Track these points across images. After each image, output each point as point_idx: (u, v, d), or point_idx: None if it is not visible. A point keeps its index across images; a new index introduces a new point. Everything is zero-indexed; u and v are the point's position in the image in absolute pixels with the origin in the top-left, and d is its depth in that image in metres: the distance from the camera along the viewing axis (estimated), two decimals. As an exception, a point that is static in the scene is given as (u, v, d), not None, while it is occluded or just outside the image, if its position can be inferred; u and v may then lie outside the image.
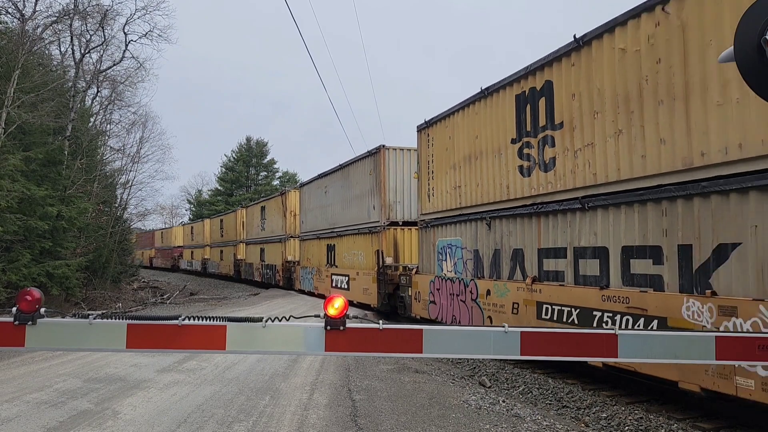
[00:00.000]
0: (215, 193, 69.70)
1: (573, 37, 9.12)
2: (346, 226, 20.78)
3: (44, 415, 6.20)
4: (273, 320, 2.87)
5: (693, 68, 7.03)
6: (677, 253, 7.26)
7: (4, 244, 15.76)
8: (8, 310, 11.49)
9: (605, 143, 8.49)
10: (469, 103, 12.37)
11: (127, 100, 29.41)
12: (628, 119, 8.08)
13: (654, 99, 7.63)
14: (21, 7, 21.02)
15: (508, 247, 11.02)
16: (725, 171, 6.62)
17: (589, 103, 8.82)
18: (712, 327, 6.59)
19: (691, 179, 7.06)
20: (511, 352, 2.88)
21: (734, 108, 6.50)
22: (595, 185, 8.66)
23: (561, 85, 9.49)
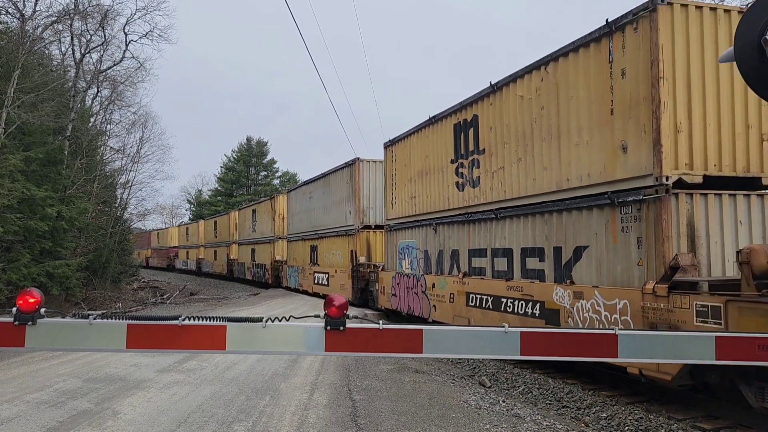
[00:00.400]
0: (215, 193, 69.69)
1: (489, 83, 11.61)
2: (327, 228, 22.93)
3: (44, 415, 6.20)
4: (273, 320, 2.87)
5: (562, 116, 9.49)
6: (553, 253, 9.71)
7: (5, 244, 15.76)
8: (8, 310, 11.50)
9: (511, 167, 10.96)
10: (422, 127, 14.83)
11: (127, 100, 29.44)
12: (525, 150, 10.52)
13: (540, 136, 10.08)
14: (21, 7, 21.02)
15: (449, 248, 13.43)
16: (580, 193, 9.09)
17: (501, 135, 11.28)
18: (569, 307, 8.98)
19: (561, 198, 9.50)
20: (511, 352, 2.89)
21: (584, 148, 8.99)
22: (504, 200, 11.13)
23: (483, 119, 11.96)
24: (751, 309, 6.25)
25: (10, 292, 15.14)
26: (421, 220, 14.92)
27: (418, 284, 14.74)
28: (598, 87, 8.78)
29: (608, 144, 8.54)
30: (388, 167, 17.40)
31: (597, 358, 3.00)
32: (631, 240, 8.16)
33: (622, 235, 8.31)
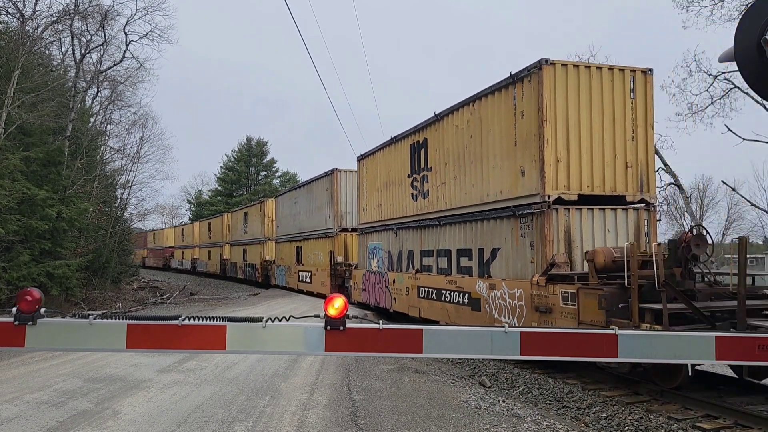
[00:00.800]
0: (215, 193, 69.66)
1: (434, 113, 14.17)
2: (309, 231, 25.20)
3: (44, 415, 6.20)
4: (273, 320, 2.87)
5: (484, 144, 12.01)
6: (477, 253, 12.21)
7: (5, 244, 15.76)
8: (8, 310, 11.50)
9: (450, 183, 13.40)
10: (387, 144, 17.30)
11: (127, 100, 29.40)
12: (459, 169, 13.01)
13: (469, 159, 12.56)
14: (21, 7, 21.01)
15: (406, 249, 15.94)
16: (495, 206, 11.57)
17: (443, 156, 13.77)
18: (486, 296, 11.59)
19: (482, 209, 12.00)
20: (511, 352, 2.88)
21: (498, 170, 11.53)
22: (446, 210, 13.58)
23: (431, 142, 14.48)
24: (591, 293, 8.67)
25: (10, 292, 15.13)
26: (385, 225, 17.36)
27: (383, 280, 17.27)
28: (507, 123, 11.26)
29: (513, 169, 11.05)
30: (360, 178, 19.88)
31: (597, 358, 3.00)
32: (527, 243, 10.63)
33: (521, 240, 10.82)
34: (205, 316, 2.87)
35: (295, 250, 27.37)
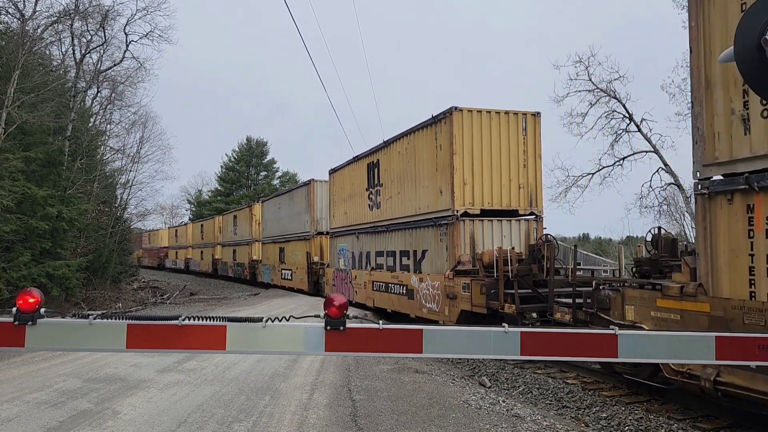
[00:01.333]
0: (215, 193, 69.63)
1: (383, 139, 17.75)
2: (291, 233, 28.17)
3: (44, 415, 6.20)
4: (273, 320, 2.87)
5: (417, 168, 15.32)
6: (413, 254, 15.69)
7: (5, 244, 15.76)
8: (8, 310, 11.48)
9: (395, 197, 16.77)
10: (351, 162, 20.62)
11: (127, 100, 29.37)
12: (401, 186, 16.37)
13: (408, 179, 15.93)
14: (21, 8, 21.01)
15: (365, 250, 19.21)
16: (423, 217, 14.88)
17: (390, 175, 17.12)
18: (417, 287, 14.84)
19: (416, 219, 15.39)
20: (511, 352, 2.88)
21: (425, 189, 14.83)
22: (392, 218, 16.95)
23: (382, 162, 17.73)
24: (477, 283, 12.15)
25: (10, 292, 15.13)
26: (350, 229, 20.59)
27: (348, 276, 20.70)
28: (431, 154, 14.65)
29: (435, 189, 14.41)
30: (331, 189, 23.25)
31: (597, 358, 3.00)
32: (444, 246, 14.03)
33: (440, 243, 14.21)
34: (205, 316, 2.87)
35: (278, 250, 30.26)
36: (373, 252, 18.42)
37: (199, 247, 50.31)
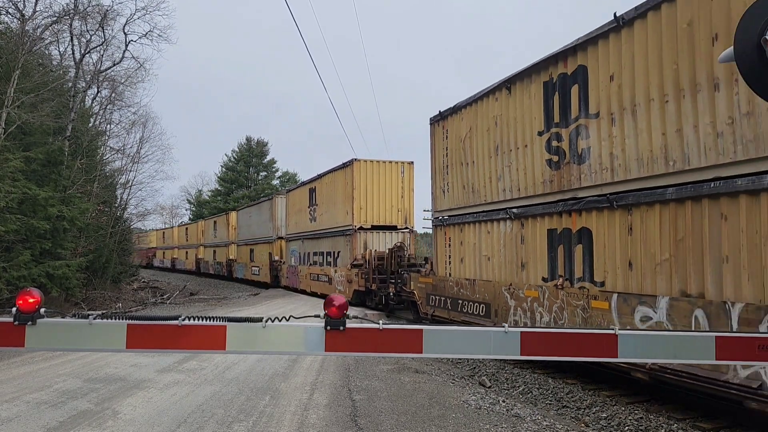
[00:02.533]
0: (215, 193, 69.63)
1: (317, 173, 25.94)
2: (258, 237, 34.86)
3: (44, 415, 6.20)
4: (273, 320, 2.86)
5: (335, 195, 24.19)
6: (333, 254, 23.45)
7: (5, 244, 15.75)
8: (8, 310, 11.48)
9: (324, 214, 24.96)
10: (299, 186, 28.63)
11: (127, 100, 29.34)
12: (327, 207, 24.36)
13: (330, 202, 24.05)
14: (21, 8, 20.99)
15: (306, 251, 26.51)
16: (338, 229, 23.00)
17: (321, 198, 24.96)
18: (334, 276, 22.81)
19: (334, 231, 23.34)
20: (511, 352, 2.88)
21: (340, 210, 23.24)
22: (323, 229, 24.73)
23: (318, 189, 25.37)
24: (360, 273, 19.69)
25: (10, 292, 15.12)
26: (298, 235, 28.02)
27: (296, 270, 28.15)
28: (344, 187, 22.11)
29: (344, 210, 21.90)
30: (287, 204, 30.20)
31: (597, 357, 3.00)
32: (348, 249, 21.20)
33: (346, 247, 21.55)
34: (205, 316, 2.87)
35: (249, 251, 36.98)
36: (311, 252, 26.24)
37: (184, 248, 56.44)
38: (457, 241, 12.86)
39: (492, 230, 11.42)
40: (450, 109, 13.41)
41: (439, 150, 14.06)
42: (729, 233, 6.46)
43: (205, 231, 49.53)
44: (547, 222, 9.71)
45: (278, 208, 31.25)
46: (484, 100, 11.91)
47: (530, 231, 10.16)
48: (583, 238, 8.80)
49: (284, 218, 30.64)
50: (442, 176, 13.77)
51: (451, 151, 13.43)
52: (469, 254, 12.33)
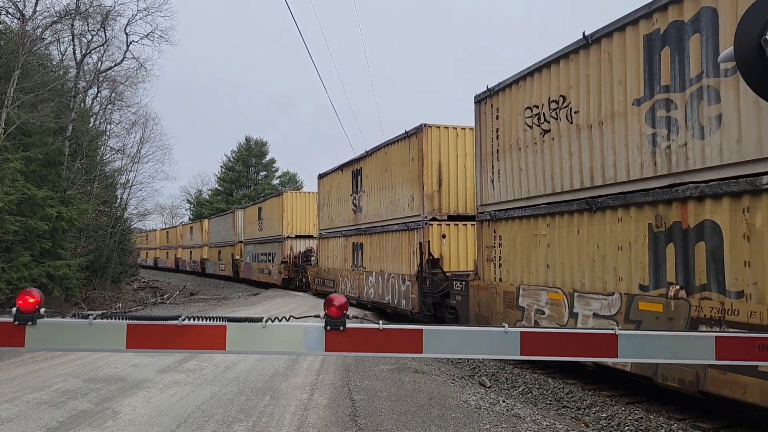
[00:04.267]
0: (215, 193, 69.64)
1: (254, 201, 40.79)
2: (225, 241, 43.06)
3: (44, 415, 6.20)
4: (273, 320, 2.87)
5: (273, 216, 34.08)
6: (272, 254, 32.47)
7: (5, 245, 15.75)
8: (8, 310, 11.49)
9: (267, 227, 33.85)
10: (252, 204, 39.13)
11: (127, 100, 29.37)
12: (264, 222, 34.24)
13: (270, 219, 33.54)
14: (22, 8, 20.99)
15: (256, 252, 35.29)
16: (272, 238, 32.17)
17: (265, 218, 34.54)
18: (273, 270, 31.60)
19: (270, 238, 32.62)
20: (511, 352, 2.88)
21: (275, 224, 32.35)
22: (266, 237, 34.04)
23: (264, 208, 34.99)
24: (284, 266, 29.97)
25: (10, 293, 15.12)
26: (250, 240, 36.65)
27: (250, 266, 36.29)
28: (278, 209, 30.20)
29: (280, 224, 30.17)
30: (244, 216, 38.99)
31: (597, 358, 3.00)
32: (280, 251, 30.41)
33: (279, 250, 30.63)
34: (205, 316, 2.87)
35: (217, 252, 45.40)
36: (259, 253, 34.59)
37: (165, 249, 66.52)
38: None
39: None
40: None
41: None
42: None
43: (183, 235, 59.16)
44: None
45: (238, 220, 39.97)
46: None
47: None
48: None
49: (242, 227, 39.35)
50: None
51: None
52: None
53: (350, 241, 20.17)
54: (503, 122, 11.09)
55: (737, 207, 6.30)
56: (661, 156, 7.34)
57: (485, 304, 11.22)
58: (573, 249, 8.86)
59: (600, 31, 8.40)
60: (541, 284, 9.55)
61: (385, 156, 17.36)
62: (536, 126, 9.95)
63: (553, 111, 9.50)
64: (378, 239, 17.74)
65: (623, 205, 7.87)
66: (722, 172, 6.53)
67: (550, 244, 9.43)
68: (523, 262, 10.17)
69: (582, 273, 8.58)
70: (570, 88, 9.09)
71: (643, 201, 7.53)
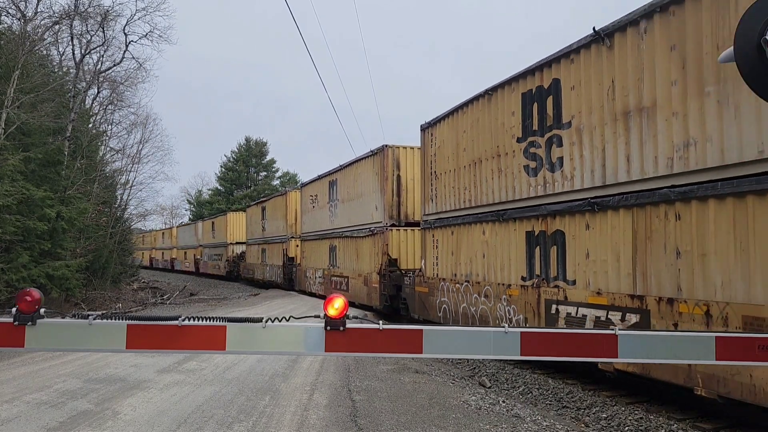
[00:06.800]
0: (215, 193, 69.61)
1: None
2: (188, 245, 54.14)
3: (44, 416, 6.20)
4: (273, 320, 2.86)
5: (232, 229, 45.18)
6: (218, 255, 46.96)
7: (4, 245, 15.75)
8: (8, 310, 11.47)
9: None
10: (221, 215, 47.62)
11: (127, 100, 29.32)
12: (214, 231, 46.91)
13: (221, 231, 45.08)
14: (23, 8, 20.97)
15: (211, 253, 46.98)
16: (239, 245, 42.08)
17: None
18: (222, 265, 44.56)
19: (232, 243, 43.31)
20: (510, 352, 2.88)
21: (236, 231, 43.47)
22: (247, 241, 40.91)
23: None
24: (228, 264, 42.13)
25: (9, 293, 15.11)
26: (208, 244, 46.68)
27: (206, 264, 46.82)
28: (226, 224, 42.46)
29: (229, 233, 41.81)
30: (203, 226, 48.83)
31: (597, 358, 3.00)
32: (225, 252, 42.51)
33: (224, 252, 42.46)
34: (205, 317, 2.87)
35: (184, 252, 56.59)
36: (213, 254, 44.78)
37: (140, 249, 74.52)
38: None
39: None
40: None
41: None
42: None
43: (156, 238, 70.73)
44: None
45: (199, 228, 51.09)
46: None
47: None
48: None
49: (202, 234, 49.70)
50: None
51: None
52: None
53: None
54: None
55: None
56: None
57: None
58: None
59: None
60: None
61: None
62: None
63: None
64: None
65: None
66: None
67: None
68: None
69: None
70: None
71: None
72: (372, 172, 18.43)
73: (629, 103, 7.69)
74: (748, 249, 6.04)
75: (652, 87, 7.32)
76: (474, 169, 11.89)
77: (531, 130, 9.95)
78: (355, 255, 19.72)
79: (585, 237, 8.53)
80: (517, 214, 10.22)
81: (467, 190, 12.15)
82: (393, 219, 17.48)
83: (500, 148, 10.89)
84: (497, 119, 11.01)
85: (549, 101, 9.48)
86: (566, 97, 9.06)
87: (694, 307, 6.65)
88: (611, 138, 8.04)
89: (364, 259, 18.81)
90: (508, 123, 10.63)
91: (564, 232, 9.01)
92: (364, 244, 18.84)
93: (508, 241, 10.54)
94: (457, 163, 12.64)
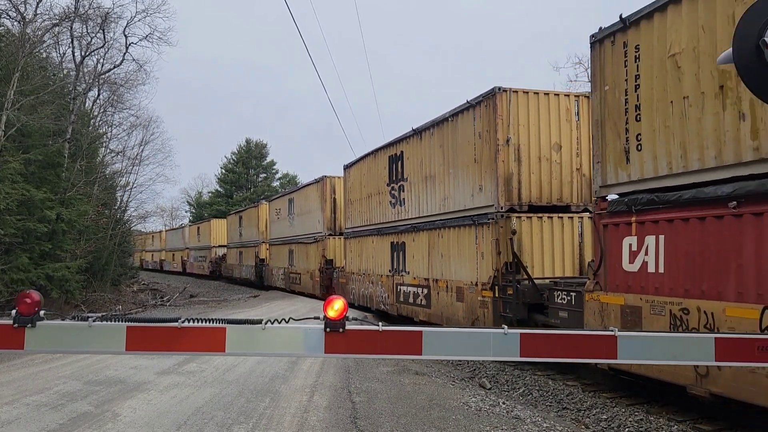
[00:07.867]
0: (215, 195, 69.58)
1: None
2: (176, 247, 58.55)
3: (44, 418, 6.20)
4: (272, 322, 2.86)
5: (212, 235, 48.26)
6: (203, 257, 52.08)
7: (4, 246, 15.75)
8: (8, 312, 11.47)
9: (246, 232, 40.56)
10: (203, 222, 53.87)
11: (127, 102, 29.32)
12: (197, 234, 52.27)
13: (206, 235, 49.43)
14: (22, 10, 20.98)
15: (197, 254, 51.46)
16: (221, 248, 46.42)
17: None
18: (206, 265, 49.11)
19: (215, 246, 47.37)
20: (510, 353, 2.88)
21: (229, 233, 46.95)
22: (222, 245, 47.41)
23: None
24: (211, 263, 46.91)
25: (9, 295, 15.10)
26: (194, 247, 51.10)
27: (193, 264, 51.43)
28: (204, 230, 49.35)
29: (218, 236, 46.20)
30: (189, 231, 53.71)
31: (597, 359, 3.00)
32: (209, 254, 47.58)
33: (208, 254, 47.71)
34: (205, 318, 2.87)
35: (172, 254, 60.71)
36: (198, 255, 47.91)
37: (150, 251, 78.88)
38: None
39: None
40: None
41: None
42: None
43: (145, 240, 72.62)
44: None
45: (186, 233, 54.98)
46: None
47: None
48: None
49: (188, 238, 53.66)
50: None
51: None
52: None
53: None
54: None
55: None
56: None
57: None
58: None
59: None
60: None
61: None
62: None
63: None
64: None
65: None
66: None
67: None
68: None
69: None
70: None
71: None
72: (317, 194, 24.16)
73: (428, 172, 14.11)
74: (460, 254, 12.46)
75: (433, 166, 13.83)
76: (368, 200, 18.32)
77: (393, 179, 16.41)
78: (305, 256, 25.59)
79: (412, 246, 14.83)
80: (386, 231, 16.69)
81: (365, 214, 18.64)
82: (330, 230, 23.28)
83: (379, 188, 17.43)
84: (378, 169, 17.54)
85: (399, 164, 15.92)
86: (406, 162, 15.45)
87: (445, 283, 12.96)
88: (423, 189, 14.40)
89: (311, 260, 24.68)
90: (382, 173, 17.15)
91: (405, 243, 15.32)
92: (311, 248, 24.76)
93: (383, 248, 16.96)
94: (361, 194, 19.01)
